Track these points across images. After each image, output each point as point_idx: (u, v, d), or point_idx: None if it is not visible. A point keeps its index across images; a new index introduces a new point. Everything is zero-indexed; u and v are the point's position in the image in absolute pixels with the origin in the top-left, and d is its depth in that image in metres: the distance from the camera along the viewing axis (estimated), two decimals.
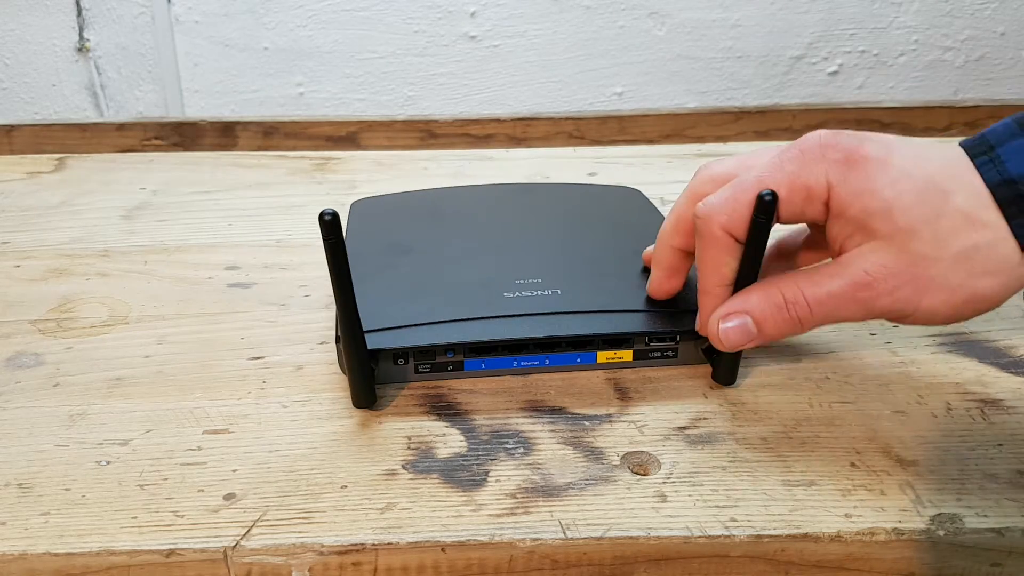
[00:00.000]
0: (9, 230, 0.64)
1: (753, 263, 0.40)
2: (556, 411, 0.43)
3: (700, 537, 0.35)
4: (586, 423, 0.42)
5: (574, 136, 0.88)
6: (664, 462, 0.40)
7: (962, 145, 0.38)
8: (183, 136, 0.86)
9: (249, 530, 0.36)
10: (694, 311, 0.44)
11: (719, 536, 0.36)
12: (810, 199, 0.39)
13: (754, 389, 0.45)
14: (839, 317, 0.39)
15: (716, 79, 1.27)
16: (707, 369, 0.46)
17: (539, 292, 0.47)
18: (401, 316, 0.45)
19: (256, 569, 0.36)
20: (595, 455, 0.40)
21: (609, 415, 0.43)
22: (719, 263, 0.41)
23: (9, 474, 0.39)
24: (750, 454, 0.40)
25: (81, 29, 1.16)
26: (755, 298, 0.40)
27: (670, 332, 0.45)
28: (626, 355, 0.46)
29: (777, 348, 0.49)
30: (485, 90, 1.24)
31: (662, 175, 0.75)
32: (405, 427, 0.42)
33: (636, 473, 0.39)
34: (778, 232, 0.43)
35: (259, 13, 1.17)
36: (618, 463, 0.40)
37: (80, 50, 1.17)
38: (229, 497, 0.38)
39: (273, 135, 0.87)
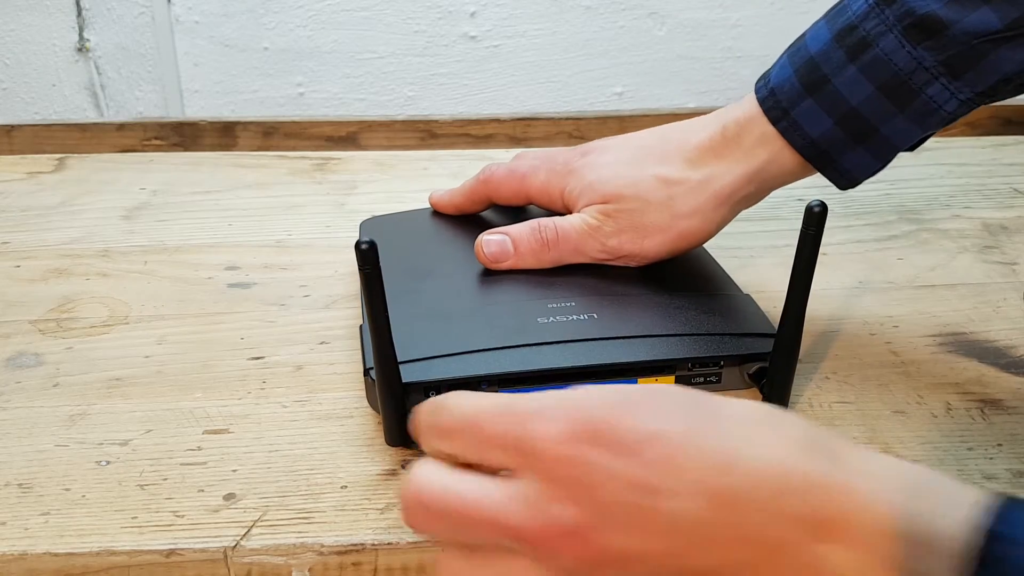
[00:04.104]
0: (9, 230, 0.64)
1: (804, 276, 0.40)
2: None
3: None
4: None
5: (574, 136, 0.88)
6: None
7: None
8: (183, 136, 0.86)
9: (249, 530, 0.36)
10: (738, 335, 0.44)
11: None
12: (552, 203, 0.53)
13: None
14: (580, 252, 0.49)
15: (716, 79, 1.27)
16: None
17: (574, 317, 0.45)
18: (432, 346, 0.42)
19: (256, 569, 0.36)
20: None
21: None
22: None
23: (9, 474, 0.39)
24: None
25: (81, 29, 1.16)
26: (516, 227, 0.49)
27: (714, 357, 0.44)
28: (667, 381, 0.44)
29: None
30: (485, 90, 1.24)
31: None
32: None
33: None
34: None
35: (259, 13, 1.17)
36: None
37: (80, 50, 1.17)
38: (229, 497, 0.38)
39: (273, 135, 0.87)
